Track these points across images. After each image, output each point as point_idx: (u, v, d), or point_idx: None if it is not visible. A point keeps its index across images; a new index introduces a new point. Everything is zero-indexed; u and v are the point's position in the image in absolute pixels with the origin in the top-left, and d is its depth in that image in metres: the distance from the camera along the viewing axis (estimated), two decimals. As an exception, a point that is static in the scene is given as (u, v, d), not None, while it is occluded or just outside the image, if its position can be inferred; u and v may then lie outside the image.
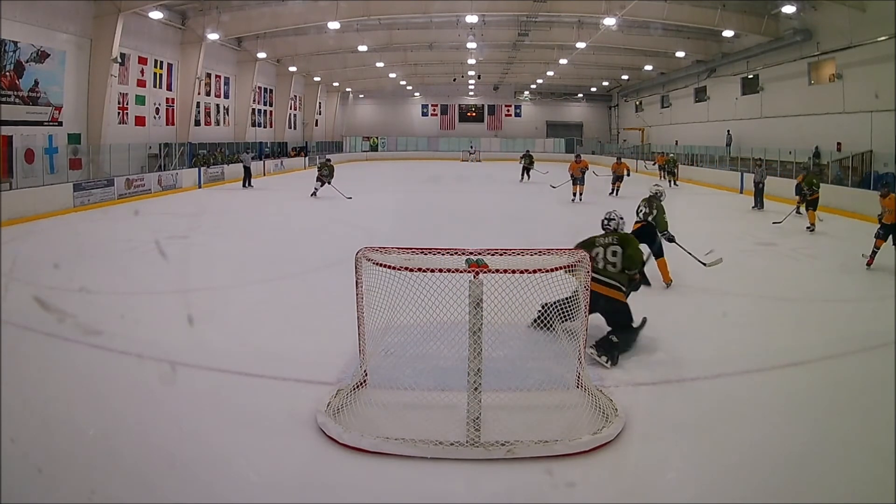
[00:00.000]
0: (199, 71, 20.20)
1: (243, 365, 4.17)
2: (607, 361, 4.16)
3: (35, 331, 4.69)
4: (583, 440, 3.11)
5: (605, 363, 4.15)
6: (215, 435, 3.26)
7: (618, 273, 4.58)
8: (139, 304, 5.70)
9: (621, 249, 4.62)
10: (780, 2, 16.22)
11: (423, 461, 2.99)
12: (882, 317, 5.34)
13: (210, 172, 19.20)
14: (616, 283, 4.53)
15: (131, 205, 14.01)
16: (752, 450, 3.14)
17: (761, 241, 9.50)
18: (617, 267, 4.59)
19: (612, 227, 4.91)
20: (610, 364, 4.15)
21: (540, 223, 11.46)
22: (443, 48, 25.78)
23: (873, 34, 14.55)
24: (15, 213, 10.63)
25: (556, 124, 39.07)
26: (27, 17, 13.19)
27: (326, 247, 8.69)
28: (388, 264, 3.32)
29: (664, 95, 29.74)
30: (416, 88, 37.66)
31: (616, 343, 4.27)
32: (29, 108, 13.65)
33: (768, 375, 4.16)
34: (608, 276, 4.56)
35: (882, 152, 14.34)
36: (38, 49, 13.70)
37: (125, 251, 8.26)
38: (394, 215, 12.02)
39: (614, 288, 4.52)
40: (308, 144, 31.84)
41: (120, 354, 4.34)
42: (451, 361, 3.57)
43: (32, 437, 3.15)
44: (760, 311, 5.76)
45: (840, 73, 16.25)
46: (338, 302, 4.83)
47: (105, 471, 2.90)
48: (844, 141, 15.94)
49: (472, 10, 18.31)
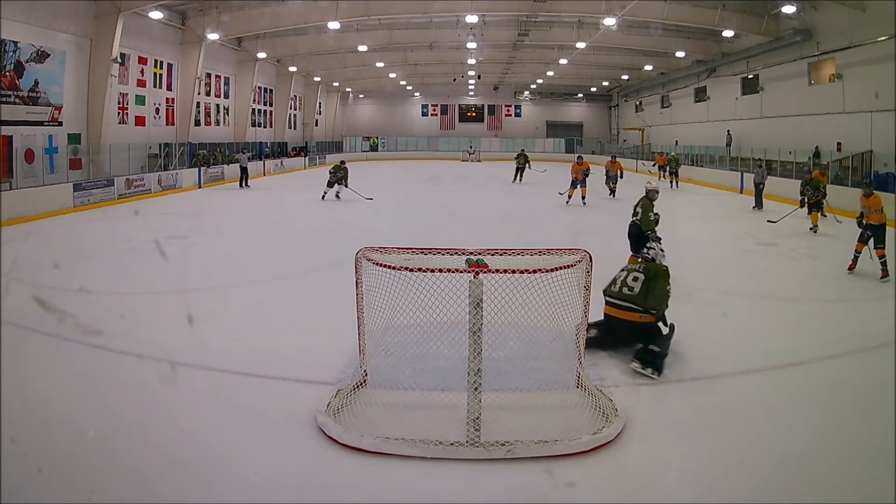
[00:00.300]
0: (199, 71, 20.20)
1: (243, 365, 4.17)
2: (653, 372, 4.00)
3: (35, 331, 4.69)
4: (583, 440, 3.11)
5: (651, 374, 3.99)
6: (215, 435, 3.26)
7: (634, 296, 4.34)
8: (139, 304, 5.71)
9: (644, 278, 4.39)
10: (780, 2, 16.22)
11: (423, 461, 2.99)
12: (882, 317, 5.34)
13: (210, 172, 19.21)
14: (630, 305, 4.32)
15: (131, 205, 14.01)
16: (752, 450, 3.14)
17: (761, 241, 9.50)
18: (634, 291, 4.36)
19: (649, 256, 4.69)
20: (657, 375, 3.99)
21: (540, 223, 11.46)
22: (443, 48, 25.77)
23: (873, 34, 14.55)
24: (15, 213, 10.63)
25: (556, 124, 39.05)
26: (27, 17, 13.19)
27: (326, 247, 8.70)
28: (388, 264, 3.32)
29: (664, 95, 29.73)
30: (416, 88, 37.65)
31: (658, 352, 4.11)
32: (29, 108, 13.65)
33: (768, 375, 4.16)
34: (621, 297, 4.38)
35: (882, 152, 14.34)
36: (38, 49, 13.70)
37: (125, 251, 8.26)
38: (394, 215, 12.02)
39: (630, 310, 4.32)
40: (308, 144, 31.84)
41: (120, 354, 4.35)
42: (451, 361, 3.57)
43: (32, 437, 3.15)
44: (760, 311, 5.76)
45: (840, 73, 16.25)
46: (338, 302, 4.83)
47: (105, 471, 2.90)
48: (844, 141, 15.94)
49: (472, 10, 18.30)
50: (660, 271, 4.46)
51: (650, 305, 4.30)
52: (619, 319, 4.36)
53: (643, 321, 4.29)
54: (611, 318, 4.44)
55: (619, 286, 4.44)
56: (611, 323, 4.44)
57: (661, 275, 4.43)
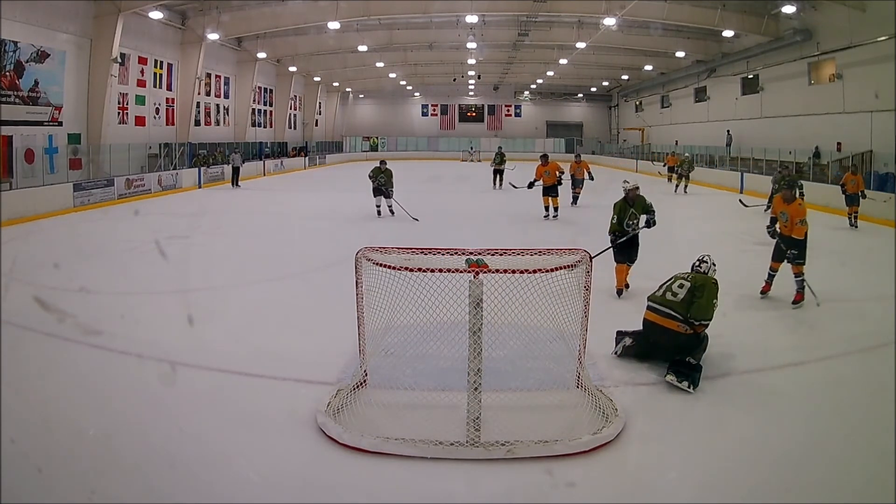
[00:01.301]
0: (199, 71, 20.20)
1: (243, 365, 4.17)
2: (689, 386, 3.83)
3: (35, 331, 4.69)
4: (583, 440, 3.11)
5: (687, 388, 3.83)
6: (215, 435, 3.26)
7: (676, 303, 4.15)
8: (139, 304, 5.70)
9: (690, 286, 4.19)
10: (780, 2, 16.22)
11: (423, 461, 2.99)
12: (882, 317, 5.33)
13: (210, 172, 19.23)
14: (672, 314, 4.13)
15: (131, 205, 14.01)
16: (752, 450, 3.14)
17: (761, 241, 9.47)
18: (677, 298, 4.17)
19: (702, 270, 4.44)
20: (693, 388, 3.83)
21: (540, 223, 11.44)
22: (443, 48, 25.76)
23: (873, 34, 14.54)
24: (15, 213, 10.63)
25: (557, 124, 39.04)
26: (27, 17, 13.18)
27: (326, 247, 8.69)
28: (388, 264, 3.32)
29: (664, 95, 29.73)
30: (416, 88, 37.63)
31: (695, 365, 3.98)
32: (29, 108, 13.65)
33: (768, 375, 4.15)
34: (663, 303, 4.21)
35: (882, 152, 14.35)
36: (38, 49, 13.70)
37: (125, 251, 8.26)
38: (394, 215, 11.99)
39: (670, 318, 4.13)
40: (308, 144, 31.84)
41: (120, 354, 4.34)
42: (451, 361, 3.57)
43: (32, 437, 3.15)
44: (760, 311, 5.76)
45: (840, 73, 16.25)
46: (338, 302, 4.83)
47: (105, 471, 2.90)
48: (844, 141, 15.94)
49: (472, 10, 18.30)
50: (708, 283, 4.22)
51: (692, 315, 4.08)
52: (657, 325, 4.20)
53: (681, 331, 4.11)
54: (649, 325, 4.28)
55: (664, 291, 4.28)
56: (648, 330, 4.28)
57: (710, 287, 4.18)
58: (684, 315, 4.10)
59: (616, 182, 7.27)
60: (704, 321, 4.11)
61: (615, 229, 6.09)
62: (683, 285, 4.20)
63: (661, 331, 4.16)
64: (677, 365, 3.97)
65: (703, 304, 4.09)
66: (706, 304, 4.09)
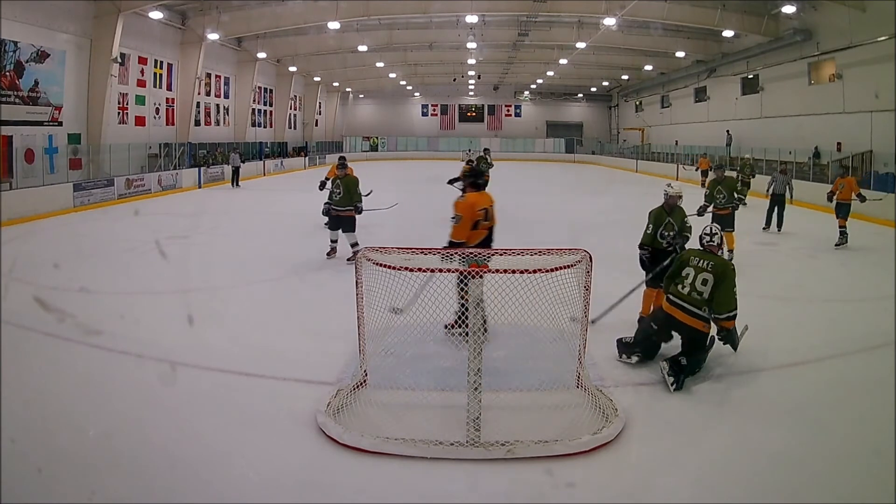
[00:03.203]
0: (199, 71, 20.19)
1: (243, 365, 4.17)
2: (673, 383, 3.84)
3: (35, 331, 4.69)
4: (583, 440, 3.11)
5: (670, 385, 3.85)
6: (215, 435, 3.26)
7: (704, 302, 4.05)
8: (139, 304, 5.70)
9: (713, 281, 4.03)
10: (780, 2, 16.23)
11: (423, 461, 2.99)
12: (882, 317, 5.34)
13: (210, 172, 19.24)
14: (700, 313, 4.04)
15: (131, 205, 14.01)
16: (751, 450, 3.14)
17: (761, 241, 9.50)
18: (703, 297, 4.05)
19: (715, 242, 4.20)
20: (674, 388, 3.84)
21: (540, 223, 11.44)
22: (443, 48, 25.75)
23: (873, 34, 14.55)
24: (15, 213, 10.62)
25: (557, 124, 39.04)
26: (27, 17, 13.18)
27: (327, 247, 8.68)
28: (388, 264, 3.32)
29: (664, 95, 29.73)
30: (416, 88, 37.64)
31: (684, 366, 3.93)
32: (29, 108, 13.65)
33: (768, 375, 4.15)
34: (692, 303, 4.07)
35: (882, 152, 14.35)
36: (38, 49, 13.70)
37: (125, 251, 8.25)
38: (394, 215, 11.98)
39: (697, 318, 4.05)
40: (308, 144, 31.84)
41: (120, 354, 4.34)
42: (451, 361, 3.57)
43: (32, 437, 3.15)
44: (760, 311, 5.75)
45: (840, 73, 16.26)
46: (338, 302, 4.83)
47: (105, 471, 2.90)
48: (844, 141, 15.95)
49: (472, 10, 18.29)
50: (728, 272, 4.05)
51: (715, 311, 4.00)
52: (680, 322, 4.11)
53: (705, 331, 4.07)
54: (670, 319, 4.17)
55: (689, 290, 4.09)
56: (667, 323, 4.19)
57: (730, 275, 4.04)
58: (706, 312, 4.05)
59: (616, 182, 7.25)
60: (731, 313, 4.03)
61: (647, 242, 5.11)
62: (707, 280, 4.05)
63: (684, 327, 4.10)
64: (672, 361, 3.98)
65: (724, 298, 3.99)
66: (727, 297, 4.00)
